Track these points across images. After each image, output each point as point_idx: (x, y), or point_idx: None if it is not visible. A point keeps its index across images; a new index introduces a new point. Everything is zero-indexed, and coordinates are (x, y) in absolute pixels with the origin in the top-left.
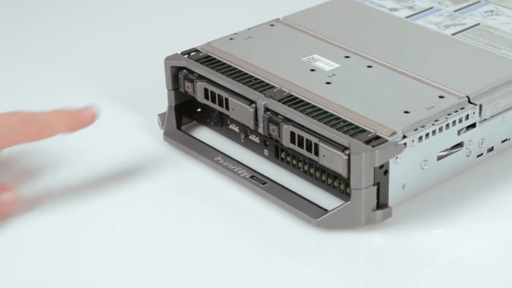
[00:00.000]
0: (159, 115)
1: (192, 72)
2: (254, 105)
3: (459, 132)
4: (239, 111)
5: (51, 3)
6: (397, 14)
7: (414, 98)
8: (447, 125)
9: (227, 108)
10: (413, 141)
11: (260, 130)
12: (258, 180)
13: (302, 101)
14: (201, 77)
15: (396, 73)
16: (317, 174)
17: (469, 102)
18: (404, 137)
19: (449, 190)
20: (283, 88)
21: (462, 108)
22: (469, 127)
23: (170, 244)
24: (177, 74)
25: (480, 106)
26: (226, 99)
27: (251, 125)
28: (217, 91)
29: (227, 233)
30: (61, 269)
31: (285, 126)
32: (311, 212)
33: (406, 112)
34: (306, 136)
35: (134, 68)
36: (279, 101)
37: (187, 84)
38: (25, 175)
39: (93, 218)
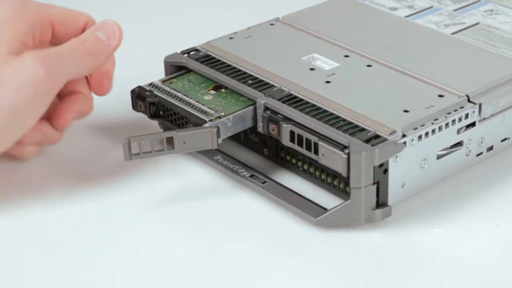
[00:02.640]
0: None
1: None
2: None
3: (458, 131)
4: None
5: (51, 3)
6: (396, 13)
7: (413, 97)
8: (447, 124)
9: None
10: (412, 140)
11: (260, 129)
12: (257, 179)
13: (301, 100)
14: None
15: (396, 72)
16: (317, 173)
17: (469, 101)
18: (404, 136)
19: (449, 189)
20: (282, 87)
21: (461, 107)
22: (469, 126)
23: (168, 242)
24: None
25: (480, 105)
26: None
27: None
28: None
29: (226, 232)
30: (61, 268)
31: (284, 125)
32: (311, 211)
33: (405, 111)
34: (305, 135)
35: (134, 68)
36: (278, 100)
37: None
38: (29, 174)
39: (91, 217)
